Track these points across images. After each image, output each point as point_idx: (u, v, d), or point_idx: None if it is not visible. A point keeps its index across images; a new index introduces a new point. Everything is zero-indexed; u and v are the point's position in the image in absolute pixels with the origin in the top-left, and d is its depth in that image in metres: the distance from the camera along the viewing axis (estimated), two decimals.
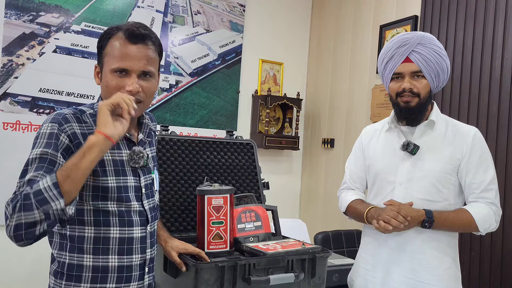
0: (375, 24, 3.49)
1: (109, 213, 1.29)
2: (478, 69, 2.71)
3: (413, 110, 1.70)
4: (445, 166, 1.68)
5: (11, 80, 2.90)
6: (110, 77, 1.28)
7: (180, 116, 3.54)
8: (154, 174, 1.46)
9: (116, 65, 1.27)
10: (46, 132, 1.22)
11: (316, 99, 4.08)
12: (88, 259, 1.28)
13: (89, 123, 1.29)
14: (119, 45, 1.28)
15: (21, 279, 2.97)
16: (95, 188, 1.27)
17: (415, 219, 1.63)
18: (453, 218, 1.66)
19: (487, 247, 2.57)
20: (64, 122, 1.24)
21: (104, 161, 1.28)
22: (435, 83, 1.71)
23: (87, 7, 3.15)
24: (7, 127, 2.90)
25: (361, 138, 1.94)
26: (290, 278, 1.57)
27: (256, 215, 1.82)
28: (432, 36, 1.73)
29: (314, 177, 4.03)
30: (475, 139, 1.69)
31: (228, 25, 3.76)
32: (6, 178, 2.88)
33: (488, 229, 1.67)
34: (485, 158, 1.69)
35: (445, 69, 1.71)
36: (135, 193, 1.34)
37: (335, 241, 2.89)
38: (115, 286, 1.30)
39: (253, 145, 2.15)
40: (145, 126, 1.45)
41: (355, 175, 1.92)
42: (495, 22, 2.64)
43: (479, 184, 1.67)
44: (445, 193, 1.69)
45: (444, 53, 1.71)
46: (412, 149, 1.70)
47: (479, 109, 2.68)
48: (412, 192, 1.70)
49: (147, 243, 1.38)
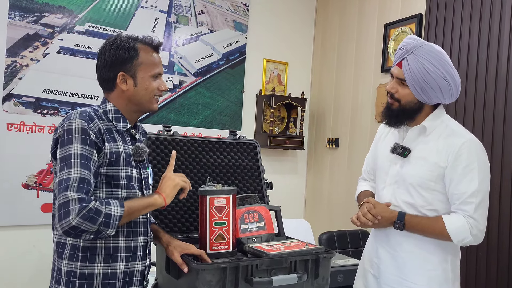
0: (379, 23, 3.46)
1: (118, 200, 1.43)
2: (484, 67, 2.68)
3: (392, 112, 1.73)
4: (426, 172, 1.66)
5: (15, 81, 2.91)
6: (150, 80, 1.52)
7: (184, 116, 3.53)
8: (149, 170, 1.64)
9: (155, 71, 1.53)
10: (78, 128, 1.39)
11: (321, 98, 4.06)
12: (100, 241, 1.44)
13: (105, 119, 1.48)
14: (152, 54, 1.53)
15: (26, 280, 2.97)
16: (108, 177, 1.44)
17: (387, 219, 1.69)
18: (425, 224, 1.66)
19: (494, 247, 2.54)
20: (91, 120, 1.42)
21: (119, 152, 1.46)
22: (422, 96, 1.66)
23: (90, 7, 3.15)
24: (11, 128, 2.91)
25: (377, 133, 1.98)
26: (293, 279, 1.56)
27: (259, 215, 1.81)
28: (430, 50, 1.63)
29: (319, 177, 4.01)
30: (462, 148, 1.62)
31: (232, 25, 3.75)
32: (10, 178, 2.89)
33: (463, 242, 1.63)
34: (471, 169, 1.62)
35: (435, 87, 1.63)
36: (137, 183, 1.52)
37: (340, 241, 2.88)
38: (124, 265, 1.48)
39: (257, 145, 2.14)
40: (139, 127, 1.64)
41: (370, 167, 1.99)
42: (501, 18, 2.61)
43: (460, 195, 1.63)
44: (428, 198, 1.68)
45: (436, 71, 1.61)
46: (401, 152, 1.72)
47: (485, 106, 2.65)
48: (398, 194, 1.73)
49: (147, 227, 1.57)
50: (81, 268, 1.42)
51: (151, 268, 1.62)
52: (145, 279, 1.56)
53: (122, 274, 1.47)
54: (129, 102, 1.53)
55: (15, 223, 2.93)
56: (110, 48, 1.50)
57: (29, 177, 2.95)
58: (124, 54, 1.49)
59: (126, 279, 1.48)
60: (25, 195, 2.94)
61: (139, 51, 1.50)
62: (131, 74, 1.50)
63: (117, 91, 1.52)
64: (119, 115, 1.51)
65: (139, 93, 1.51)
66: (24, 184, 2.94)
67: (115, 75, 1.49)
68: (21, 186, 2.93)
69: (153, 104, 1.55)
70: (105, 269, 1.44)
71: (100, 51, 1.52)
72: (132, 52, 1.49)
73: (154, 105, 1.55)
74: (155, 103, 1.56)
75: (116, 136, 1.48)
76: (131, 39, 1.52)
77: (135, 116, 1.57)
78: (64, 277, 1.43)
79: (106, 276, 1.44)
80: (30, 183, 2.96)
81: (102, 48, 1.52)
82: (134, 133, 1.56)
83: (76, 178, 1.33)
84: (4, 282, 2.91)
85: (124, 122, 1.52)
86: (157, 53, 1.56)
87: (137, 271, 1.51)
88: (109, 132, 1.46)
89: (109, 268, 1.45)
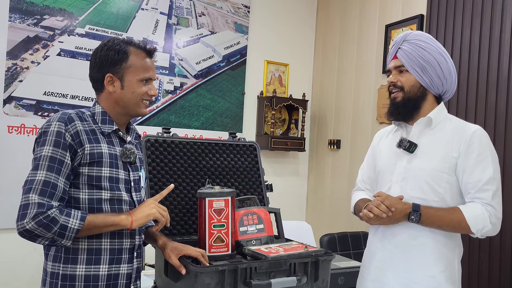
0: (380, 24, 3.45)
1: (101, 201, 1.45)
2: (485, 67, 2.67)
3: (398, 105, 1.72)
4: (439, 164, 1.64)
5: (16, 83, 2.91)
6: (137, 84, 1.51)
7: (185, 118, 3.53)
8: (141, 172, 1.62)
9: (144, 76, 1.52)
10: (54, 130, 1.40)
11: (322, 100, 4.05)
12: (83, 242, 1.43)
13: (89, 121, 1.49)
14: (142, 58, 1.53)
15: (26, 283, 2.97)
16: (90, 178, 1.43)
17: (400, 211, 1.62)
18: (442, 215, 1.61)
19: (496, 249, 2.52)
20: (70, 122, 1.42)
21: (102, 153, 1.46)
22: (424, 78, 1.68)
23: (91, 10, 3.16)
24: (12, 131, 2.91)
25: (373, 140, 1.97)
26: (292, 282, 1.54)
27: (258, 217, 1.79)
28: (420, 33, 1.73)
29: (321, 178, 3.99)
30: (474, 137, 1.63)
31: (233, 27, 3.74)
32: (11, 181, 2.89)
33: (483, 231, 1.60)
34: (484, 157, 1.61)
35: (434, 63, 1.66)
36: (125, 185, 1.52)
37: (341, 243, 2.86)
38: (108, 267, 1.46)
39: (256, 146, 2.13)
40: (132, 131, 1.65)
41: (366, 176, 1.94)
42: (502, 18, 2.59)
43: (475, 183, 1.61)
44: (441, 192, 1.65)
45: (430, 47, 1.67)
46: (408, 146, 1.69)
47: (487, 107, 2.64)
48: (407, 190, 1.68)
49: (135, 230, 1.53)
50: (64, 270, 1.42)
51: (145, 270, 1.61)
52: (133, 283, 1.54)
53: (106, 277, 1.45)
54: (116, 105, 1.53)
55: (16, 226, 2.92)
56: (101, 49, 1.51)
57: None
58: (113, 56, 1.50)
59: (110, 282, 1.46)
60: None
61: (129, 54, 1.51)
62: (119, 77, 1.50)
63: (105, 92, 1.53)
64: (105, 117, 1.52)
65: (125, 95, 1.51)
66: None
67: (103, 76, 1.51)
68: (22, 189, 2.92)
69: (141, 108, 1.55)
70: (88, 271, 1.43)
71: (93, 51, 1.54)
72: (121, 55, 1.50)
73: (142, 109, 1.55)
74: (144, 107, 1.56)
75: (101, 138, 1.48)
76: (123, 42, 1.52)
77: (123, 119, 1.57)
78: (49, 278, 1.44)
79: (88, 278, 1.43)
80: None
81: (95, 48, 1.54)
82: (122, 135, 1.56)
83: (40, 181, 1.34)
84: (4, 285, 2.90)
85: (110, 124, 1.52)
86: (150, 58, 1.56)
87: (122, 274, 1.49)
88: (93, 133, 1.46)
89: (92, 270, 1.43)
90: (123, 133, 1.58)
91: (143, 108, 1.56)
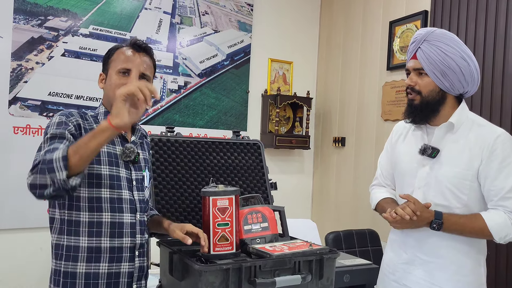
0: (384, 20, 3.44)
1: (101, 199, 1.46)
2: (490, 63, 2.65)
3: (415, 108, 1.67)
4: (461, 171, 1.61)
5: (21, 84, 2.93)
6: (115, 77, 1.50)
7: (189, 117, 3.53)
8: (145, 173, 1.63)
9: (121, 66, 1.49)
10: (55, 121, 1.43)
11: (326, 97, 4.04)
12: (83, 241, 1.45)
13: (90, 121, 1.51)
14: (124, 52, 1.53)
15: (34, 282, 2.99)
16: (90, 176, 1.45)
17: (424, 218, 1.59)
18: (464, 223, 1.59)
19: (503, 246, 2.50)
20: (70, 115, 1.46)
21: (100, 151, 1.46)
22: (444, 83, 1.63)
23: (94, 10, 3.16)
24: (18, 131, 2.92)
25: (392, 134, 1.92)
26: (297, 280, 1.54)
27: (262, 216, 1.79)
28: (443, 32, 1.64)
29: (326, 176, 3.99)
30: (497, 143, 1.58)
31: (236, 25, 3.74)
32: (16, 181, 2.91)
33: (505, 238, 1.58)
34: (507, 163, 1.57)
35: (456, 68, 1.61)
36: (126, 183, 1.53)
37: (346, 241, 2.85)
38: (108, 265, 1.47)
39: (260, 145, 2.12)
40: (137, 131, 1.66)
41: (386, 171, 1.91)
42: (507, 14, 2.57)
43: (498, 191, 1.58)
44: (464, 199, 1.62)
45: (453, 51, 1.61)
46: (430, 153, 1.65)
47: (492, 104, 2.62)
48: (429, 197, 1.65)
49: (136, 229, 1.54)
50: (65, 267, 1.45)
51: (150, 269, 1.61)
52: (137, 282, 1.55)
53: (106, 275, 1.47)
54: (106, 102, 1.57)
55: (22, 226, 2.94)
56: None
57: None
58: (106, 56, 1.57)
59: (111, 280, 1.48)
60: (32, 198, 2.94)
61: (115, 51, 1.55)
62: (106, 73, 1.56)
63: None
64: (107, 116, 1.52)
65: (106, 89, 1.56)
66: None
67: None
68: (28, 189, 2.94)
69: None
70: (88, 269, 1.45)
71: None
72: (111, 52, 1.56)
73: None
74: None
75: None
76: (120, 43, 1.59)
77: None
78: (53, 275, 1.49)
79: (88, 275, 1.45)
80: None
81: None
82: (124, 134, 1.58)
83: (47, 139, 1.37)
84: (12, 284, 2.92)
85: None
86: (137, 52, 1.53)
87: (123, 273, 1.50)
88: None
89: (92, 268, 1.45)
90: (125, 132, 1.59)
91: None
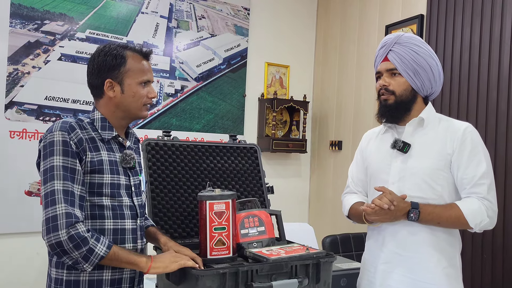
0: (380, 24, 3.45)
1: (103, 207, 1.46)
2: (486, 67, 2.66)
3: (389, 107, 1.74)
4: (435, 162, 1.67)
5: (17, 88, 2.92)
6: (138, 88, 1.53)
7: (186, 121, 3.53)
8: (141, 177, 1.64)
9: (142, 78, 1.53)
10: (59, 140, 1.40)
11: (323, 101, 4.04)
12: None
13: (88, 129, 1.50)
14: (140, 61, 1.54)
15: (29, 287, 2.98)
16: (92, 185, 1.45)
17: (401, 208, 1.64)
18: (440, 212, 1.64)
19: (499, 249, 2.51)
20: (71, 130, 1.43)
21: (102, 160, 1.47)
22: (416, 82, 1.71)
23: (91, 14, 3.17)
24: (14, 136, 2.92)
25: (361, 142, 1.99)
26: (294, 284, 1.54)
27: (259, 220, 1.79)
28: (412, 35, 1.74)
29: (323, 180, 3.99)
30: (465, 134, 1.67)
31: (233, 29, 3.75)
32: (13, 186, 2.90)
33: (481, 225, 1.62)
34: (476, 152, 1.66)
35: (426, 67, 1.69)
36: (126, 190, 1.53)
37: (343, 244, 2.86)
38: (111, 272, 1.47)
39: (257, 149, 2.13)
40: (131, 135, 1.66)
41: (357, 178, 1.96)
42: (502, 18, 2.59)
43: (470, 179, 1.64)
44: (439, 190, 1.67)
45: (423, 51, 1.70)
46: (402, 147, 1.71)
47: (488, 107, 2.63)
48: (405, 190, 1.70)
49: (137, 234, 1.55)
50: (67, 276, 1.44)
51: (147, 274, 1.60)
52: (136, 286, 1.56)
53: (109, 281, 1.47)
54: (116, 109, 1.54)
55: (18, 230, 2.93)
56: (98, 55, 1.53)
57: (32, 184, 2.96)
58: (111, 61, 1.51)
59: (114, 287, 1.48)
60: (28, 202, 2.95)
61: (126, 58, 1.52)
62: (118, 81, 1.52)
63: (105, 98, 1.54)
64: (105, 123, 1.53)
65: (126, 99, 1.53)
66: (27, 192, 2.95)
67: (103, 82, 1.52)
68: (24, 194, 2.94)
69: (143, 111, 1.57)
70: (91, 276, 1.44)
71: (90, 58, 1.56)
72: (119, 59, 1.52)
73: (143, 112, 1.57)
74: (145, 110, 1.57)
75: (100, 145, 1.49)
76: (120, 47, 1.54)
77: (123, 123, 1.58)
78: (53, 284, 1.46)
79: (92, 283, 1.44)
80: (33, 190, 2.96)
81: (92, 55, 1.55)
82: (121, 141, 1.57)
83: (60, 191, 1.36)
84: None
85: (110, 130, 1.53)
86: (147, 60, 1.57)
87: (125, 278, 1.51)
88: (92, 142, 1.47)
89: (95, 275, 1.44)
90: (123, 138, 1.59)
91: (144, 111, 1.57)
